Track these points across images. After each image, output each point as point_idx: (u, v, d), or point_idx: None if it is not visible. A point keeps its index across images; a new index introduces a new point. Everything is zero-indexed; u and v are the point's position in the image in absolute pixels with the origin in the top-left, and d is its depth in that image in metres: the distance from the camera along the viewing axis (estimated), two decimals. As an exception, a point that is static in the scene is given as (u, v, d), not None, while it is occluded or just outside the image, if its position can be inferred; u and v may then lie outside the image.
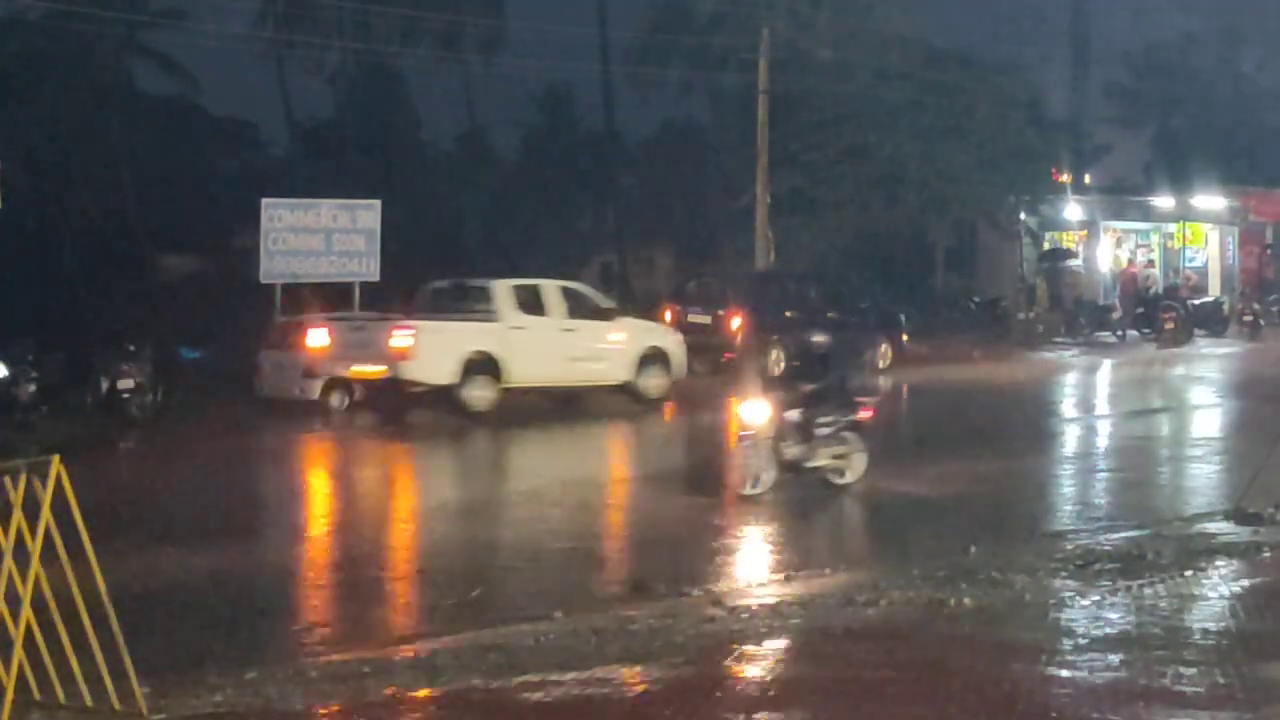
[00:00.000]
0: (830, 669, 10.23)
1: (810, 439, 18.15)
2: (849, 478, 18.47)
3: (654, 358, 29.23)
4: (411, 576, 14.65)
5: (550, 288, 29.22)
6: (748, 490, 17.82)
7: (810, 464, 18.21)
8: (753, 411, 18.17)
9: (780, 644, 10.93)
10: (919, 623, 11.43)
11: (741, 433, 18.28)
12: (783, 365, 32.73)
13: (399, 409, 27.19)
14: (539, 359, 27.49)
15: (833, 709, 9.29)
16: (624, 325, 29.45)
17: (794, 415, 18.14)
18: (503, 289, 28.40)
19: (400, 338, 26.50)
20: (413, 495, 21.60)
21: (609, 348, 28.70)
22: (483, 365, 26.88)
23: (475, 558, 15.21)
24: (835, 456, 18.32)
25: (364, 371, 27.22)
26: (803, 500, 17.98)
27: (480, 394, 26.82)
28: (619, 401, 28.65)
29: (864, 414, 18.70)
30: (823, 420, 18.20)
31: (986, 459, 21.38)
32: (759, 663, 10.49)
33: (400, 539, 17.32)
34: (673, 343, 29.99)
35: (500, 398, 27.01)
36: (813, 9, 46.07)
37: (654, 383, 29.15)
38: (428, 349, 26.41)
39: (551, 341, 27.87)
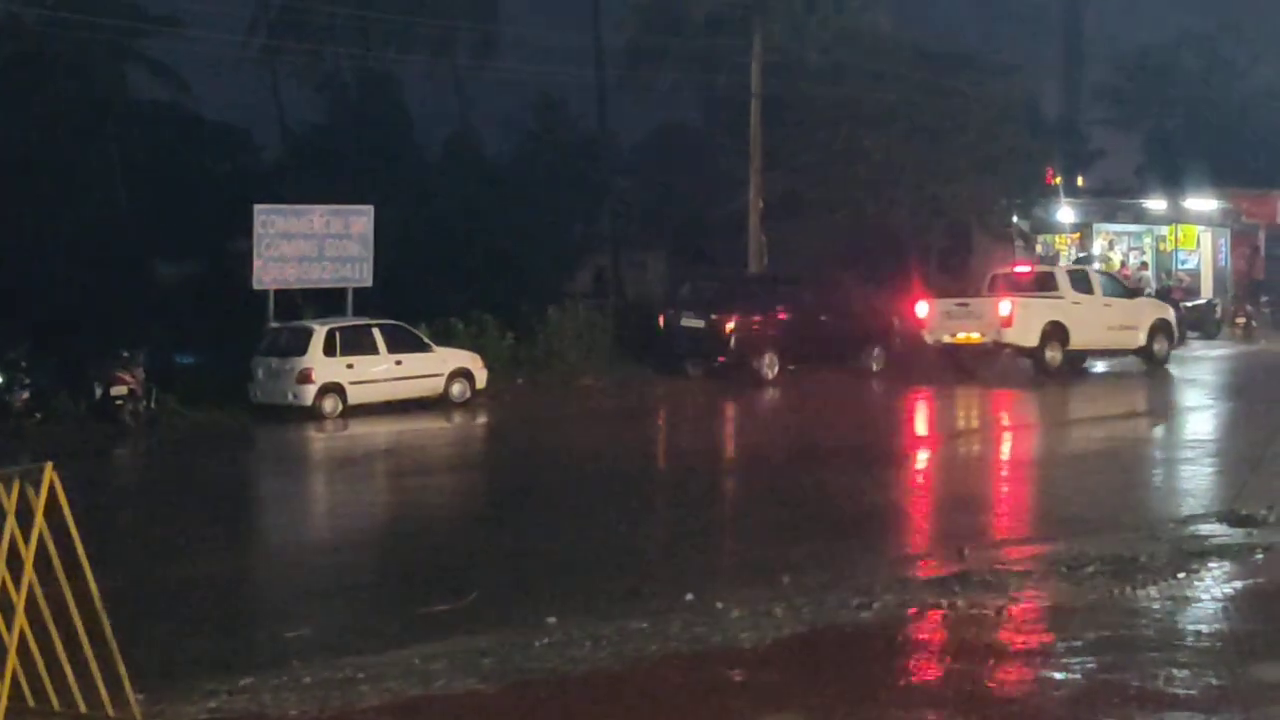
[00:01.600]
0: (825, 672, 10.24)
1: None
2: None
3: (1160, 328, 35.70)
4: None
5: (1092, 272, 37.18)
6: None
7: None
8: None
9: (773, 647, 10.93)
10: (912, 626, 11.44)
11: None
12: (776, 369, 33.36)
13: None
14: (1090, 328, 34.37)
15: (827, 712, 9.29)
16: (1141, 302, 36.66)
17: None
18: (1062, 273, 36.34)
19: (1005, 310, 33.49)
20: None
21: (1133, 319, 35.33)
22: (1055, 332, 33.71)
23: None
24: None
25: (967, 337, 34.13)
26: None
27: (1053, 354, 33.79)
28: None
29: None
30: None
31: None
32: (753, 667, 10.49)
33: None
34: (1171, 315, 36.64)
35: (1063, 358, 33.85)
36: (805, 12, 46.05)
37: (1159, 348, 35.55)
38: (1021, 319, 33.53)
39: (1097, 314, 34.69)
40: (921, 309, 35.50)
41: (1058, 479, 20.76)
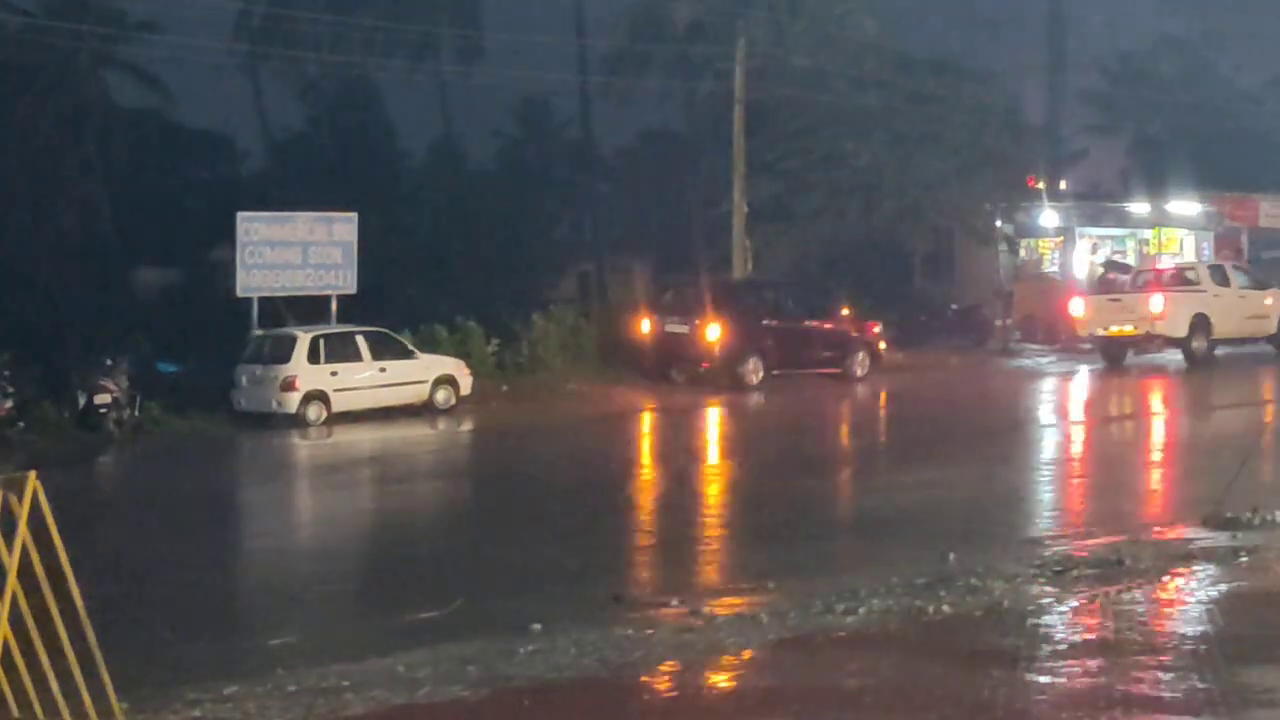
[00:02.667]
0: (809, 677, 10.23)
1: None
2: None
3: None
4: None
5: (1228, 266, 39.70)
6: None
7: None
8: None
9: (759, 653, 10.92)
10: (898, 630, 11.43)
11: None
12: (760, 374, 33.41)
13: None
14: (1229, 318, 36.75)
15: (812, 718, 9.29)
16: (1271, 292, 38.47)
17: None
18: (1203, 268, 39.25)
19: (1158, 305, 35.76)
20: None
21: (1265, 309, 37.85)
22: (1199, 324, 35.94)
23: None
24: None
25: (1120, 330, 36.47)
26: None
27: (1199, 344, 36.07)
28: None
29: None
30: None
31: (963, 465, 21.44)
32: (738, 672, 10.48)
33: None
34: None
35: (1207, 347, 36.27)
36: (789, 18, 46.08)
37: None
38: (1172, 312, 35.69)
39: (1235, 306, 37.12)
40: (1076, 305, 38.00)
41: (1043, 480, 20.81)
